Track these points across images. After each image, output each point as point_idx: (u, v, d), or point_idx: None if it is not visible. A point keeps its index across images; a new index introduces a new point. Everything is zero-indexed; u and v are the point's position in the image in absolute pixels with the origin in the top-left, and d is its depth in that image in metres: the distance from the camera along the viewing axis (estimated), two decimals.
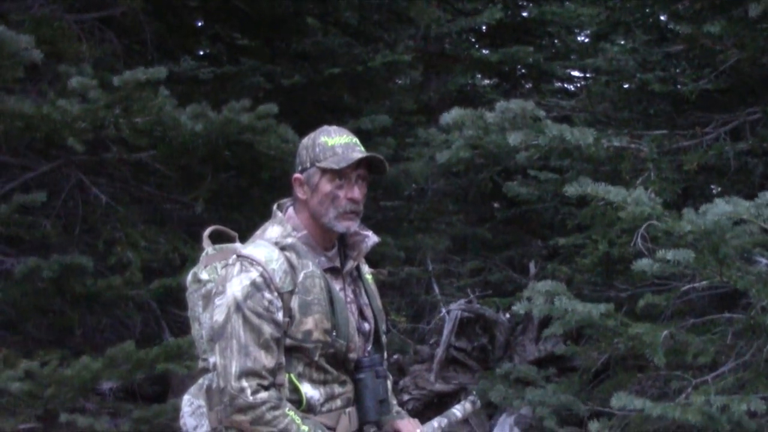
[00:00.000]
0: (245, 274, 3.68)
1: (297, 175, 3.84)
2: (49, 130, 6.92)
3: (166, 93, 7.17)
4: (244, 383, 3.59)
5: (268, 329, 3.65)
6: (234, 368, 3.63)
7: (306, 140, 3.91)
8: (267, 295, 3.64)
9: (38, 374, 6.61)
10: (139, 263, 7.48)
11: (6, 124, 6.83)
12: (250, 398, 3.58)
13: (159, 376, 7.16)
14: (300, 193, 3.83)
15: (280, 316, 3.67)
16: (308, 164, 3.81)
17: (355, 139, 3.90)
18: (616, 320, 5.95)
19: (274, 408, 3.59)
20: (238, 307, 3.66)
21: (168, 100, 7.18)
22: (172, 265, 7.60)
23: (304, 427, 3.64)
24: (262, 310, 3.64)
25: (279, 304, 3.66)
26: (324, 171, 3.77)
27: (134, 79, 6.88)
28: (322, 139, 3.84)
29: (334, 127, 3.95)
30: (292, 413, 3.65)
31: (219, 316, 3.72)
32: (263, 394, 3.59)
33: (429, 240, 10.61)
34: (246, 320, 3.63)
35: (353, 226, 3.82)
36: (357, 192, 3.79)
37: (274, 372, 3.65)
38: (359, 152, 3.79)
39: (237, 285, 3.68)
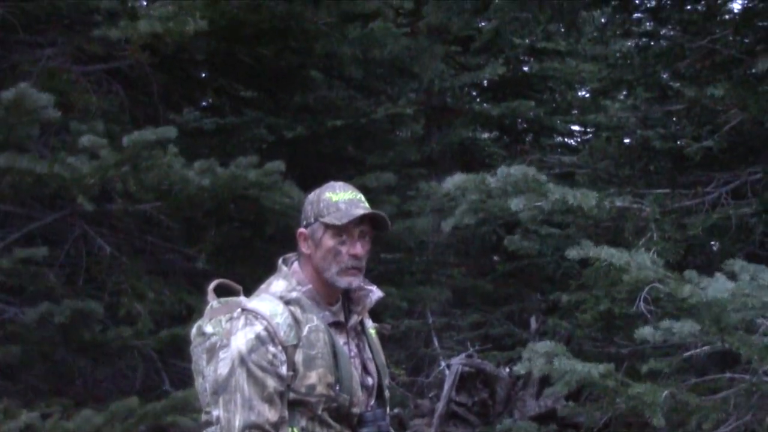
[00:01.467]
0: (250, 328, 3.70)
1: (302, 229, 3.86)
2: (58, 187, 6.96)
3: (174, 150, 7.21)
4: None
5: (271, 383, 3.67)
6: (237, 422, 3.64)
7: (311, 196, 3.94)
8: (271, 348, 3.65)
9: (39, 428, 6.59)
10: (148, 314, 7.50)
11: (15, 179, 6.87)
12: None
13: (162, 429, 7.14)
14: (304, 247, 3.85)
15: (284, 370, 3.66)
16: (312, 219, 3.84)
17: (360, 195, 3.93)
18: (616, 380, 5.96)
19: None
20: (242, 360, 3.67)
21: (177, 158, 7.22)
22: (177, 317, 7.59)
23: None
24: (266, 363, 3.66)
25: (283, 357, 3.67)
26: (327, 226, 3.79)
27: (143, 139, 6.93)
28: (327, 194, 3.87)
29: (340, 183, 3.98)
30: None
31: (223, 370, 3.73)
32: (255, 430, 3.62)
33: (430, 291, 10.61)
34: (250, 374, 3.65)
35: (355, 282, 3.82)
36: (359, 248, 3.79)
37: (277, 426, 3.64)
38: (362, 208, 3.82)
39: (242, 338, 3.69)
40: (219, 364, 3.78)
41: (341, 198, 3.88)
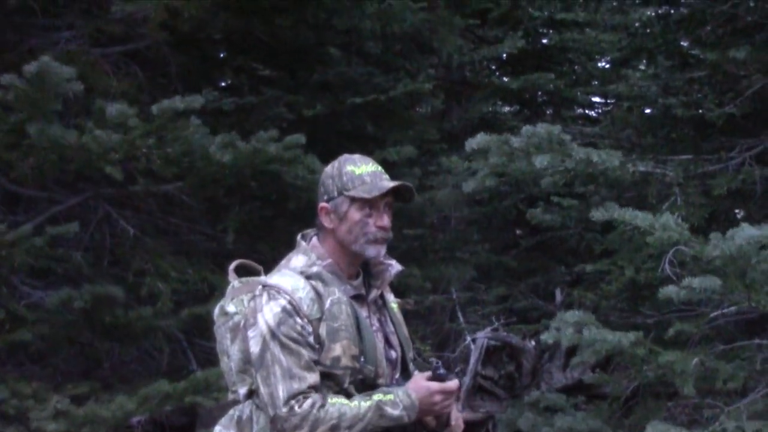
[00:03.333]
0: (274, 302, 3.70)
1: (323, 204, 3.85)
2: (83, 161, 6.97)
3: (197, 122, 7.23)
4: (292, 403, 3.62)
5: (305, 352, 3.68)
6: (281, 393, 3.64)
7: (330, 169, 3.93)
8: (298, 320, 3.66)
9: (72, 413, 6.62)
10: (169, 294, 7.52)
11: (38, 157, 6.89)
12: (299, 411, 3.61)
13: (187, 408, 7.18)
14: (327, 222, 3.84)
15: (312, 340, 3.69)
16: (335, 193, 3.83)
17: (380, 167, 3.93)
18: (645, 348, 5.95)
19: (322, 406, 3.62)
20: (273, 334, 3.68)
21: (200, 128, 7.25)
22: (200, 296, 7.61)
23: (354, 402, 3.66)
24: (296, 335, 3.66)
25: (309, 329, 3.68)
26: (353, 200, 3.79)
27: (172, 107, 6.95)
28: (349, 168, 3.86)
29: (357, 156, 3.97)
30: (337, 400, 3.67)
31: (255, 347, 3.73)
32: (308, 401, 3.62)
33: (454, 270, 10.60)
34: (283, 346, 3.65)
35: (383, 251, 3.84)
36: (386, 219, 3.80)
37: (318, 389, 3.67)
38: (387, 180, 3.83)
39: (268, 313, 3.69)
40: (250, 342, 3.79)
41: (364, 170, 3.88)
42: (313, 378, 3.65)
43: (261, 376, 3.72)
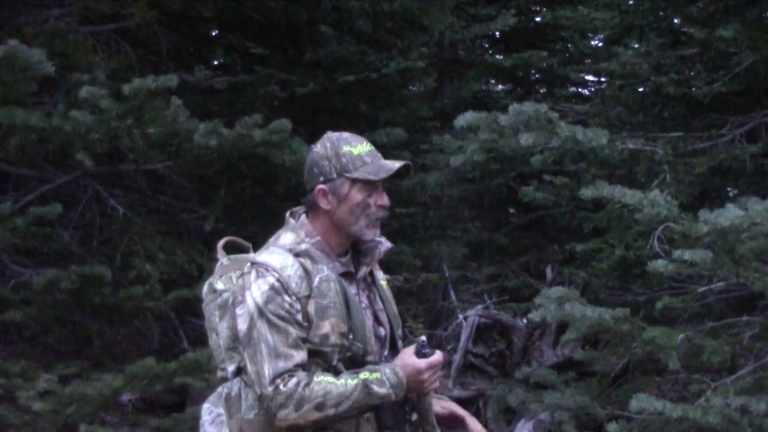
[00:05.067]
0: (263, 280, 3.70)
1: (320, 186, 3.84)
2: (61, 142, 6.95)
3: (178, 102, 7.18)
4: (278, 381, 3.62)
5: (293, 330, 3.67)
6: (267, 371, 3.64)
7: (323, 150, 3.90)
8: (287, 298, 3.65)
9: (59, 392, 6.63)
10: (158, 275, 7.52)
11: (21, 137, 6.87)
12: (284, 390, 3.61)
13: (178, 388, 7.19)
14: (324, 203, 3.82)
15: (300, 318, 3.68)
16: (334, 174, 3.80)
17: (371, 146, 3.93)
18: (631, 324, 5.96)
19: (307, 385, 3.62)
20: (261, 312, 3.68)
21: (180, 109, 7.19)
22: (189, 276, 7.62)
23: (341, 380, 3.67)
24: (284, 312, 3.66)
25: (298, 307, 3.67)
26: (355, 181, 3.80)
27: (145, 87, 6.89)
28: (346, 148, 3.84)
29: (347, 134, 3.95)
30: (324, 378, 3.67)
31: (242, 325, 3.73)
32: (293, 380, 3.62)
33: (445, 247, 10.62)
34: (271, 324, 3.65)
35: (378, 232, 3.87)
36: (386, 199, 3.80)
37: (304, 367, 3.66)
38: (384, 160, 3.84)
39: (256, 291, 3.69)
40: (238, 320, 3.79)
41: (362, 150, 3.86)
42: (300, 356, 3.65)
43: (248, 354, 3.72)
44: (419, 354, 3.82)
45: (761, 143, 7.49)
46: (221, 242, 4.18)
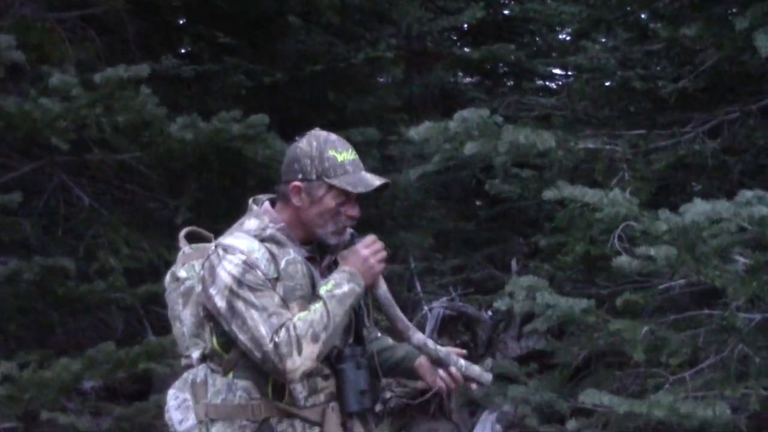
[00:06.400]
0: (231, 257, 3.70)
1: (297, 183, 3.84)
2: (30, 129, 6.93)
3: (147, 91, 7.17)
4: (273, 337, 3.64)
5: (275, 295, 3.72)
6: (264, 331, 3.65)
7: (308, 149, 3.90)
8: (259, 274, 3.68)
9: (17, 378, 6.63)
10: (121, 269, 7.52)
11: None
12: (280, 340, 3.64)
13: (141, 375, 7.19)
14: (296, 200, 3.84)
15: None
16: (313, 176, 3.81)
17: (355, 153, 3.96)
18: (597, 316, 6.01)
19: (294, 326, 3.64)
20: (240, 282, 3.68)
21: (150, 97, 7.19)
22: (155, 269, 7.58)
23: (311, 309, 3.67)
24: (261, 282, 3.69)
25: (269, 285, 3.72)
26: (332, 187, 3.82)
27: (116, 76, 6.91)
28: (331, 153, 3.85)
29: (335, 137, 3.97)
30: (297, 316, 3.72)
31: (221, 302, 3.73)
32: (282, 330, 3.65)
33: (412, 237, 10.63)
34: (253, 289, 3.67)
35: (342, 238, 3.89)
36: (357, 211, 3.84)
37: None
38: (366, 173, 3.86)
39: (229, 266, 3.69)
40: (214, 299, 3.79)
41: (346, 158, 3.88)
42: (287, 314, 3.66)
43: (236, 325, 3.72)
44: (351, 243, 3.90)
45: (723, 140, 7.55)
46: (183, 232, 4.22)
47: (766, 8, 6.15)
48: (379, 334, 4.28)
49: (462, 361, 4.13)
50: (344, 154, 3.88)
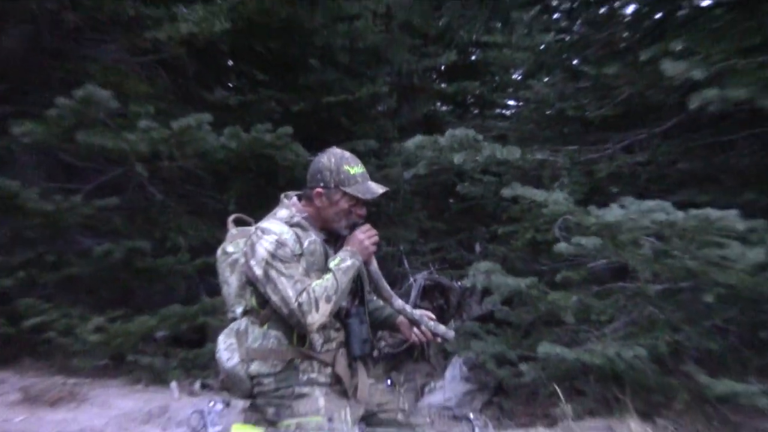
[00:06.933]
0: (267, 236, 3.77)
1: (319, 189, 3.94)
2: (120, 154, 7.04)
3: (208, 128, 7.26)
4: (298, 298, 3.73)
5: (300, 267, 3.80)
6: (291, 294, 3.71)
7: (328, 163, 3.97)
8: (287, 250, 3.76)
9: (108, 329, 6.69)
10: (187, 246, 7.58)
11: (88, 149, 6.97)
12: (303, 300, 3.71)
13: (199, 327, 7.24)
14: (318, 201, 3.92)
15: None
16: (332, 185, 3.90)
17: (363, 167, 4.06)
18: (538, 290, 6.06)
19: (313, 290, 3.72)
20: (274, 256, 3.75)
21: (210, 134, 7.29)
22: (209, 246, 7.63)
23: (324, 278, 3.77)
24: (290, 256, 3.76)
25: (295, 259, 3.81)
26: (345, 193, 3.93)
27: (187, 124, 7.02)
28: (345, 167, 3.93)
29: (348, 155, 4.03)
30: (314, 282, 3.81)
31: (259, 271, 3.79)
32: (304, 293, 3.72)
33: (403, 232, 10.69)
34: (284, 262, 3.74)
35: (351, 230, 3.95)
36: (364, 210, 3.93)
37: None
38: (373, 183, 3.95)
39: (266, 243, 3.77)
40: (254, 269, 3.85)
41: (357, 172, 3.96)
42: (308, 281, 3.73)
43: (270, 288, 3.79)
44: (353, 230, 3.95)
45: (636, 155, 7.60)
46: (231, 218, 4.27)
47: (665, 46, 6.20)
48: (374, 298, 4.36)
49: (431, 322, 4.22)
50: (355, 168, 3.96)
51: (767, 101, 5.35)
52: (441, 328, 4.20)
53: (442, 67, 13.67)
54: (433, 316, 4.21)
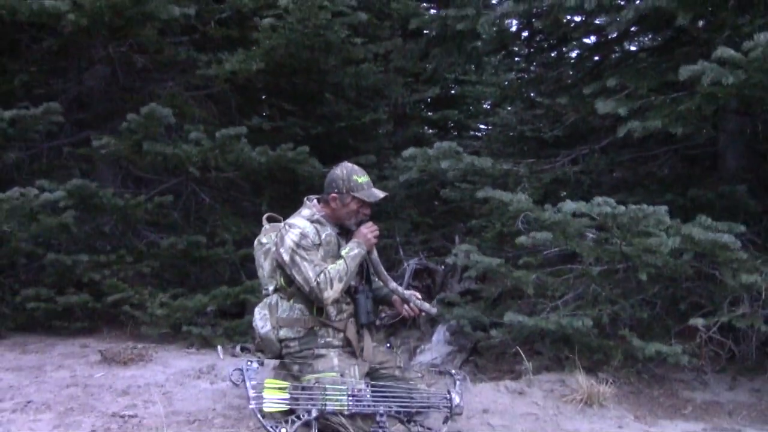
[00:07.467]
0: (294, 230, 3.79)
1: (334, 194, 3.94)
2: (177, 162, 7.02)
3: (244, 140, 7.28)
4: (317, 278, 3.67)
5: (319, 254, 3.75)
6: (311, 275, 3.71)
7: (340, 173, 3.98)
8: (309, 240, 3.74)
9: (170, 304, 6.65)
10: (231, 240, 7.58)
11: (152, 158, 6.92)
12: (321, 280, 3.68)
13: (240, 303, 7.18)
14: (333, 204, 3.93)
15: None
16: (344, 191, 3.91)
17: (368, 176, 4.04)
18: (505, 269, 6.02)
19: (328, 271, 3.72)
20: (298, 245, 3.74)
21: (246, 145, 7.32)
22: (248, 239, 7.59)
23: (337, 263, 3.83)
24: (311, 246, 3.74)
25: (315, 248, 3.77)
26: (355, 197, 3.89)
27: (227, 133, 7.00)
28: (354, 177, 3.94)
29: (357, 167, 4.05)
30: (330, 266, 3.77)
31: (286, 257, 3.79)
32: (322, 274, 3.71)
33: (400, 225, 10.65)
34: (306, 249, 3.74)
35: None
36: (369, 210, 4.03)
37: None
38: (376, 189, 3.97)
39: (292, 236, 3.78)
40: (283, 256, 3.84)
41: (363, 180, 3.98)
42: (325, 265, 3.80)
43: (295, 271, 3.78)
44: (359, 226, 4.02)
45: (580, 166, 7.57)
46: (265, 216, 4.32)
47: (601, 85, 6.19)
48: (376, 279, 4.32)
49: (418, 301, 4.21)
50: (363, 177, 3.94)
51: (678, 129, 5.43)
52: (425, 305, 4.23)
53: (429, 99, 13.60)
54: (419, 296, 4.22)
